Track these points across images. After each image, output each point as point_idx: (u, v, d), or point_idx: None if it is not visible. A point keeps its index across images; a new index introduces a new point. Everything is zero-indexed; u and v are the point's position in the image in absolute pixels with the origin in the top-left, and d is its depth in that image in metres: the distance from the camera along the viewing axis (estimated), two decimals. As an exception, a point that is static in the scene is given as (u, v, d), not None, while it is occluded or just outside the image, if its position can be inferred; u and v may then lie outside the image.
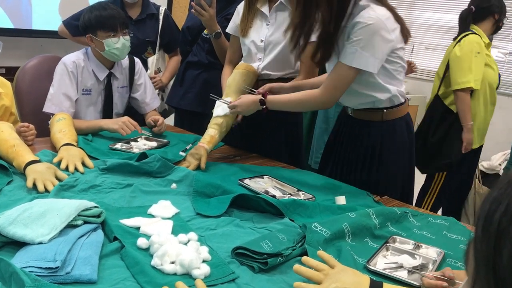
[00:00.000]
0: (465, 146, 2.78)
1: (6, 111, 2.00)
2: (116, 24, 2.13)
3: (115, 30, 2.13)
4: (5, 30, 3.53)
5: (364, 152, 1.80)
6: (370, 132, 1.79)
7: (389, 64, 1.68)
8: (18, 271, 0.95)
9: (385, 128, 1.78)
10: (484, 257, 0.56)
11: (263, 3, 2.03)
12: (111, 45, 2.13)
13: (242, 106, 1.81)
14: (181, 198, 1.52)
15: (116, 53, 2.15)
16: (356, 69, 1.60)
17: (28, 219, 1.14)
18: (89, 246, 1.11)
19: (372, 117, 1.79)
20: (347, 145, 1.85)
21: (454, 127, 2.81)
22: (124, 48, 2.17)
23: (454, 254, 1.28)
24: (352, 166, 1.84)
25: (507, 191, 0.57)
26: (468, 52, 2.69)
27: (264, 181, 1.71)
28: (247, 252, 1.14)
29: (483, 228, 0.57)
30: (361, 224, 1.33)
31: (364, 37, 1.57)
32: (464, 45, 2.72)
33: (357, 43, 1.57)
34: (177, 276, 1.07)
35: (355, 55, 1.58)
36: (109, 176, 1.64)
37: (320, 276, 1.03)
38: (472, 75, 2.66)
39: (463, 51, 2.72)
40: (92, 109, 2.26)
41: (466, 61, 2.68)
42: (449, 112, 2.85)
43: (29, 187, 1.47)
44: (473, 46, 2.69)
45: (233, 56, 2.19)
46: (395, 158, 1.79)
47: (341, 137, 1.89)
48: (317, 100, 1.70)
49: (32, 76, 2.45)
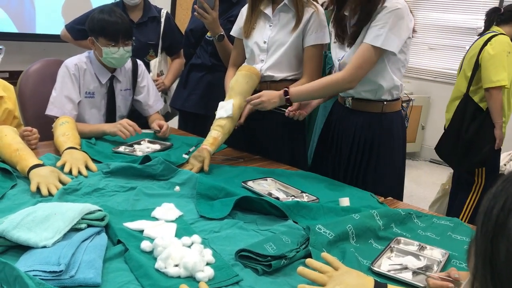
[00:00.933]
0: (497, 143, 2.83)
1: (10, 114, 2.01)
2: (118, 34, 2.10)
3: (116, 40, 2.11)
4: (9, 35, 3.55)
5: (362, 146, 1.84)
6: (369, 124, 1.82)
7: (399, 53, 1.74)
8: (22, 275, 0.95)
9: (384, 121, 1.83)
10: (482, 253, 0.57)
11: (267, 5, 2.03)
12: (109, 54, 2.12)
13: (266, 98, 1.82)
14: (185, 201, 1.52)
15: (113, 61, 2.15)
16: (380, 50, 1.68)
17: (32, 223, 1.14)
18: (93, 249, 1.11)
19: (372, 108, 1.83)
20: (344, 138, 1.88)
21: (485, 124, 2.85)
22: (122, 59, 2.16)
23: (459, 255, 1.27)
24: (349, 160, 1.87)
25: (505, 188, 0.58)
26: (501, 51, 2.75)
27: (268, 183, 1.71)
28: (251, 254, 1.14)
29: (482, 224, 0.59)
30: (365, 226, 1.33)
31: (391, 20, 1.66)
32: (496, 45, 2.78)
33: (383, 25, 1.66)
34: (181, 279, 1.07)
35: (382, 37, 1.66)
36: (113, 179, 1.64)
37: (324, 278, 1.02)
38: (506, 73, 2.72)
39: (496, 50, 2.77)
40: (96, 112, 2.26)
41: (500, 59, 2.74)
42: (479, 110, 2.88)
43: (33, 191, 1.47)
44: (505, 46, 2.76)
45: (237, 58, 2.19)
46: (390, 154, 1.83)
47: (337, 130, 1.92)
48: (340, 81, 1.74)
49: (35, 80, 2.46)
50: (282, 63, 2.02)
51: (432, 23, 5.60)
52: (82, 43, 2.72)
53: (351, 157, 1.87)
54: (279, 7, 2.00)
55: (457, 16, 5.42)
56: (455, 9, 5.44)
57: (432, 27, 5.60)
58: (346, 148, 1.88)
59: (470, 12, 5.32)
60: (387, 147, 1.83)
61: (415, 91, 5.55)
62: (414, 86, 5.63)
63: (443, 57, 5.55)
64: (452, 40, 5.48)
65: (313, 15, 1.97)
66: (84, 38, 2.26)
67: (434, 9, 5.58)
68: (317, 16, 1.97)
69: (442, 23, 5.53)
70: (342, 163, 1.90)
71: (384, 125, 1.83)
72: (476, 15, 5.25)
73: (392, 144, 1.84)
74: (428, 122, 5.65)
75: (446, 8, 5.51)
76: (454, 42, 5.46)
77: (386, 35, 1.66)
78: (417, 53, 5.73)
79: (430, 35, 5.61)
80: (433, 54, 5.64)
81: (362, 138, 1.84)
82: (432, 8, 5.59)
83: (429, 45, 5.65)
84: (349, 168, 1.88)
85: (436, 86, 5.55)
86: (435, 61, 5.61)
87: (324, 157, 1.98)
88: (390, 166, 1.85)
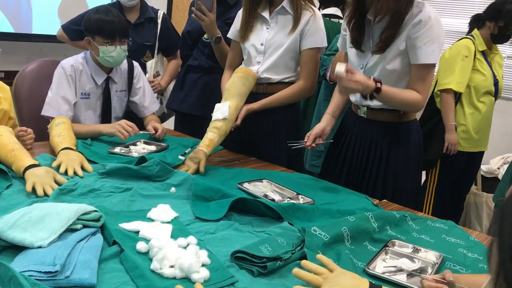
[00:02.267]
0: (447, 146, 2.81)
1: (5, 115, 2.00)
2: (115, 32, 2.12)
3: (113, 38, 2.12)
4: (5, 35, 3.54)
5: (378, 155, 1.80)
6: (386, 134, 1.80)
7: None
8: (17, 275, 0.95)
9: (401, 130, 1.80)
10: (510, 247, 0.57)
11: (264, 7, 2.04)
12: (105, 53, 2.13)
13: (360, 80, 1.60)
14: (180, 202, 1.52)
15: (110, 60, 2.15)
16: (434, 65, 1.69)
17: (27, 223, 1.14)
18: (89, 250, 1.11)
19: (388, 118, 1.80)
20: (360, 148, 1.85)
21: (438, 126, 2.87)
22: (119, 57, 2.17)
23: (453, 257, 1.28)
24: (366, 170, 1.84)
25: None
26: (455, 55, 2.79)
27: (263, 185, 1.71)
28: (246, 256, 1.14)
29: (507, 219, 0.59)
30: (360, 228, 1.33)
31: (436, 34, 1.64)
32: (454, 48, 2.83)
33: (432, 41, 1.64)
34: (176, 280, 1.07)
35: (435, 52, 1.66)
36: (108, 180, 1.64)
37: (319, 279, 1.03)
38: (455, 77, 2.74)
39: (451, 53, 2.82)
40: (91, 113, 2.26)
41: (451, 63, 2.77)
42: (435, 112, 2.92)
43: (28, 191, 1.46)
44: (461, 50, 2.78)
45: (233, 60, 2.19)
46: (408, 161, 1.81)
47: (351, 140, 1.88)
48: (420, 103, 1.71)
49: (31, 80, 2.45)
50: (279, 66, 2.03)
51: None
52: (78, 43, 2.72)
53: (367, 167, 1.83)
54: (277, 9, 2.00)
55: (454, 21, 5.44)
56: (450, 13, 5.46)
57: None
58: (362, 159, 1.84)
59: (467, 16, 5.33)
60: (404, 157, 1.80)
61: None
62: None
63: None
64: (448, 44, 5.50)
65: (311, 18, 1.98)
66: (81, 39, 2.26)
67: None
68: (314, 19, 1.98)
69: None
70: (357, 173, 1.86)
71: (401, 135, 1.80)
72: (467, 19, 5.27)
73: (410, 153, 1.81)
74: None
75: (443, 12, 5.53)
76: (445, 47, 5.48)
77: (437, 50, 1.66)
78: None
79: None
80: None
81: (379, 149, 1.80)
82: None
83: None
84: (365, 179, 1.84)
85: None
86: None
87: (336, 166, 1.94)
88: (408, 176, 1.81)
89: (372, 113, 1.82)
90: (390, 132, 1.80)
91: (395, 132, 1.80)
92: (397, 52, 1.69)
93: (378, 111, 1.80)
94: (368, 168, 1.84)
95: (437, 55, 1.67)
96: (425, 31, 1.63)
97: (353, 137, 1.88)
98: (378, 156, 1.81)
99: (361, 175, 1.86)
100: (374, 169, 1.82)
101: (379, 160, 1.81)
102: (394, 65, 1.71)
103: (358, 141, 1.86)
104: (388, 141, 1.80)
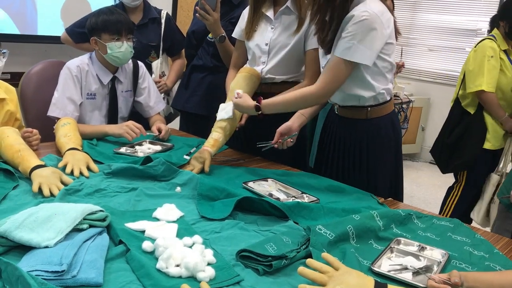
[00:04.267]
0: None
1: (11, 116, 2.01)
2: (121, 28, 2.15)
3: (120, 34, 2.15)
4: (11, 36, 3.56)
5: (352, 151, 1.83)
6: (356, 131, 1.82)
7: (379, 61, 1.70)
8: (24, 274, 0.96)
9: (370, 127, 1.81)
10: None
11: (268, 7, 2.04)
12: (113, 49, 2.14)
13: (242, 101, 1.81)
14: (186, 202, 1.53)
15: (119, 56, 2.17)
16: (352, 63, 1.63)
17: (34, 223, 1.15)
18: (95, 249, 1.12)
19: (356, 115, 1.82)
20: (335, 144, 1.89)
21: (470, 128, 2.87)
22: (126, 53, 2.18)
23: (459, 255, 1.28)
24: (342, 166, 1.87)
25: None
26: (481, 57, 2.78)
27: (268, 184, 1.72)
28: (252, 254, 1.15)
29: None
30: (366, 226, 1.33)
31: (360, 31, 1.59)
32: (479, 50, 2.82)
33: (353, 37, 1.60)
34: (182, 279, 1.07)
35: (352, 49, 1.61)
36: (114, 180, 1.65)
37: (325, 278, 1.03)
38: (485, 78, 2.75)
39: (476, 56, 2.82)
40: (97, 114, 2.27)
41: (479, 65, 2.77)
42: (466, 114, 2.92)
43: (35, 191, 1.47)
44: (486, 50, 2.77)
45: (238, 60, 2.20)
46: (380, 156, 1.82)
47: (329, 136, 1.93)
48: (313, 95, 1.70)
49: (36, 82, 2.46)
50: (283, 65, 2.03)
51: (432, 25, 5.60)
52: (83, 46, 2.74)
53: (345, 161, 1.87)
54: (281, 9, 2.00)
55: (457, 18, 5.42)
56: (455, 11, 5.44)
57: (432, 28, 5.60)
58: (339, 153, 1.88)
59: (470, 13, 5.33)
60: (376, 150, 1.81)
61: (415, 92, 5.56)
62: (414, 87, 5.64)
63: (443, 59, 5.56)
64: (452, 41, 5.48)
65: None
66: (85, 41, 2.27)
67: (434, 10, 5.59)
68: None
69: (442, 24, 5.53)
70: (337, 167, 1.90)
71: (370, 131, 1.81)
72: (476, 17, 5.26)
73: (382, 146, 1.82)
74: (428, 124, 5.65)
75: (446, 9, 5.51)
76: (454, 44, 5.47)
77: (355, 47, 1.60)
78: (417, 55, 5.74)
79: (430, 37, 5.62)
80: (433, 55, 5.64)
81: (352, 144, 1.83)
82: (432, 9, 5.60)
83: (429, 46, 5.66)
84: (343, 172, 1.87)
85: (436, 87, 5.55)
86: (435, 62, 5.61)
87: (323, 162, 1.98)
88: (381, 167, 1.83)
89: (342, 110, 1.85)
90: (360, 128, 1.82)
91: (364, 128, 1.81)
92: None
93: (347, 108, 1.83)
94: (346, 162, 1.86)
95: (352, 53, 1.60)
96: (350, 26, 1.61)
97: (332, 133, 1.91)
98: (351, 151, 1.84)
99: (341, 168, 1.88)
100: (350, 162, 1.85)
101: (353, 154, 1.84)
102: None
103: (335, 136, 1.90)
104: (358, 136, 1.82)
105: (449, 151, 2.96)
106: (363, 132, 1.81)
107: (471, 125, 2.88)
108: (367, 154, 1.82)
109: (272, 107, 1.77)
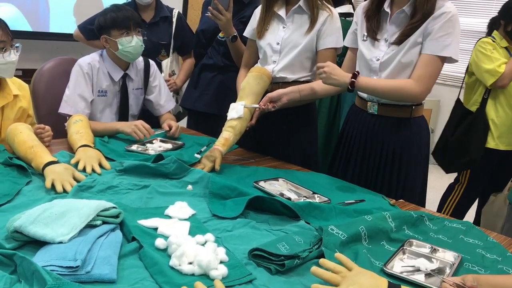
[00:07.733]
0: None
1: (24, 113, 2.03)
2: (129, 23, 2.17)
3: (129, 28, 2.17)
4: (23, 33, 3.58)
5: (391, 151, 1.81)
6: (399, 129, 1.80)
7: None
8: (40, 269, 0.96)
9: (414, 126, 1.81)
10: None
11: (280, 6, 2.04)
12: (124, 44, 2.15)
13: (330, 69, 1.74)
14: (197, 200, 1.53)
15: (131, 51, 2.17)
16: (444, 60, 1.69)
17: (48, 219, 1.15)
18: (108, 246, 1.12)
19: (400, 113, 1.81)
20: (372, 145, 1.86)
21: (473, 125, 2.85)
22: (137, 47, 2.19)
23: (472, 258, 1.27)
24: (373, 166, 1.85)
25: None
26: (482, 51, 2.79)
27: (279, 183, 1.72)
28: (264, 253, 1.15)
29: None
30: (378, 227, 1.33)
31: (456, 27, 1.67)
32: (478, 47, 2.83)
33: (449, 35, 1.66)
34: (195, 277, 1.07)
35: (451, 46, 1.67)
36: (126, 177, 1.66)
37: (338, 278, 1.03)
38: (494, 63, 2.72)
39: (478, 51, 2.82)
40: (108, 111, 2.28)
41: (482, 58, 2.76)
42: (466, 113, 2.90)
43: (48, 187, 1.48)
44: (485, 45, 2.79)
45: (249, 59, 2.20)
46: (420, 156, 1.82)
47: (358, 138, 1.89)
48: (412, 91, 1.70)
49: (48, 78, 2.48)
50: (294, 65, 2.03)
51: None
52: (95, 43, 2.75)
53: (381, 164, 1.84)
54: (294, 9, 2.00)
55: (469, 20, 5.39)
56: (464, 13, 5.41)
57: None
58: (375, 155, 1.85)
59: (482, 16, 5.30)
60: (415, 149, 1.81)
61: (424, 94, 5.53)
62: (424, 89, 5.61)
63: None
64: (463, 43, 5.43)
65: (328, 18, 1.97)
66: (97, 38, 2.28)
67: (445, 12, 5.55)
68: (331, 19, 1.98)
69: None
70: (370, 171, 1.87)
71: (414, 130, 1.80)
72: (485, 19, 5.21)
73: (420, 146, 1.82)
74: (438, 126, 5.62)
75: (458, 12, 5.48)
76: (464, 46, 5.41)
77: (453, 44, 1.66)
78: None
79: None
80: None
81: (391, 143, 1.81)
82: (443, 11, 5.56)
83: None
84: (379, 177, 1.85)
85: (446, 89, 5.52)
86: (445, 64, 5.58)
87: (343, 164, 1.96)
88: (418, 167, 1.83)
89: (383, 109, 1.82)
90: (403, 127, 1.81)
91: (408, 127, 1.81)
92: (413, 44, 1.71)
93: (389, 106, 1.81)
94: (382, 165, 1.84)
95: (452, 50, 1.67)
96: (444, 23, 1.65)
97: (363, 135, 1.88)
98: (391, 152, 1.82)
99: (375, 173, 1.86)
100: (388, 166, 1.83)
101: (392, 156, 1.82)
102: (409, 58, 1.73)
103: (370, 137, 1.86)
104: (401, 136, 1.80)
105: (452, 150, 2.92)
106: (408, 130, 1.80)
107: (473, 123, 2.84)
108: (408, 154, 1.80)
109: (364, 84, 1.72)
